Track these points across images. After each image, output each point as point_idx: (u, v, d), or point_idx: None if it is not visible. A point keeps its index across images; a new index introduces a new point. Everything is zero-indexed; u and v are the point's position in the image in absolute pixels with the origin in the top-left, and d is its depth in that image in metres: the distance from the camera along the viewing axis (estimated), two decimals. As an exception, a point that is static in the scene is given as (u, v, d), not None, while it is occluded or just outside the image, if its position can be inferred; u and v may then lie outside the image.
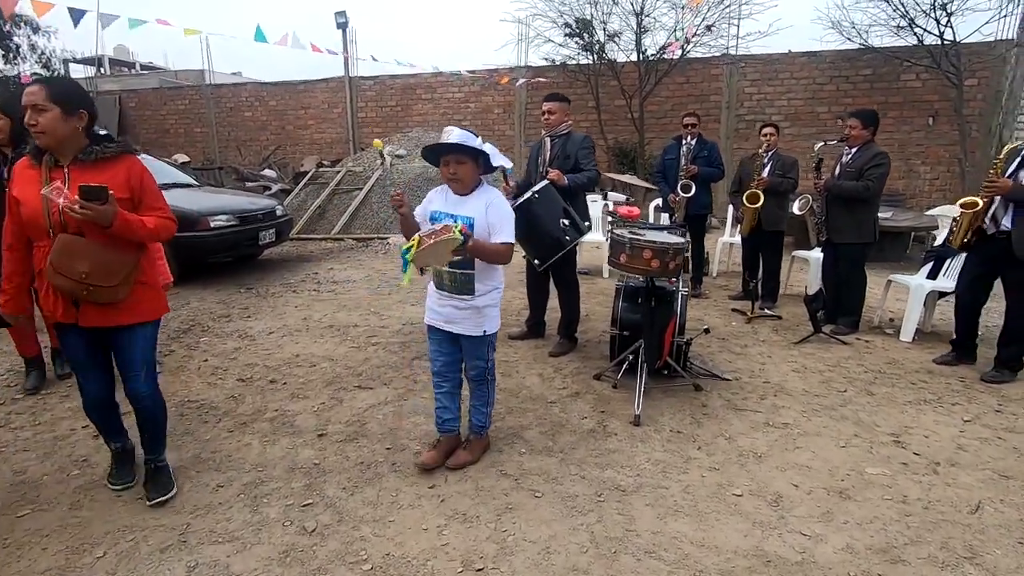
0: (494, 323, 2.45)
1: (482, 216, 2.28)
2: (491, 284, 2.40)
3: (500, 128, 11.73)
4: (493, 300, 2.42)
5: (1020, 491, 2.36)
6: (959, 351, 3.78)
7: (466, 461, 2.56)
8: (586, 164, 3.71)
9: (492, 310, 2.43)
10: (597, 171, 3.74)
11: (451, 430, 2.64)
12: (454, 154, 2.27)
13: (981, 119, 9.08)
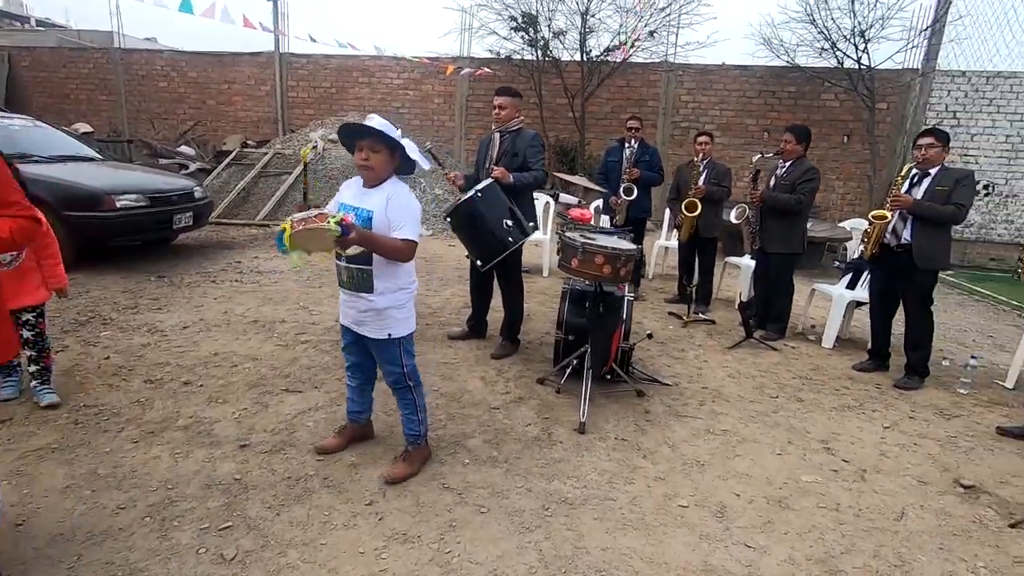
0: (402, 326, 2.30)
1: (382, 210, 2.15)
2: (394, 283, 2.24)
3: (440, 119, 11.45)
4: (398, 301, 2.26)
5: (936, 496, 2.51)
6: (875, 359, 4.03)
7: (405, 474, 2.40)
8: (534, 163, 3.61)
9: (398, 312, 2.27)
10: (545, 171, 3.64)
11: (356, 420, 2.62)
12: (369, 139, 2.15)
13: (888, 141, 9.84)
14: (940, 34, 9.09)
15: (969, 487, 2.57)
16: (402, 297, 2.28)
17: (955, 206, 3.45)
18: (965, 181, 3.49)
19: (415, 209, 2.18)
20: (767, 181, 4.50)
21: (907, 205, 3.54)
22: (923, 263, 3.55)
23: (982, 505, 2.46)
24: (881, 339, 4.00)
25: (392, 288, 2.24)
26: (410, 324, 2.35)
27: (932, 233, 3.53)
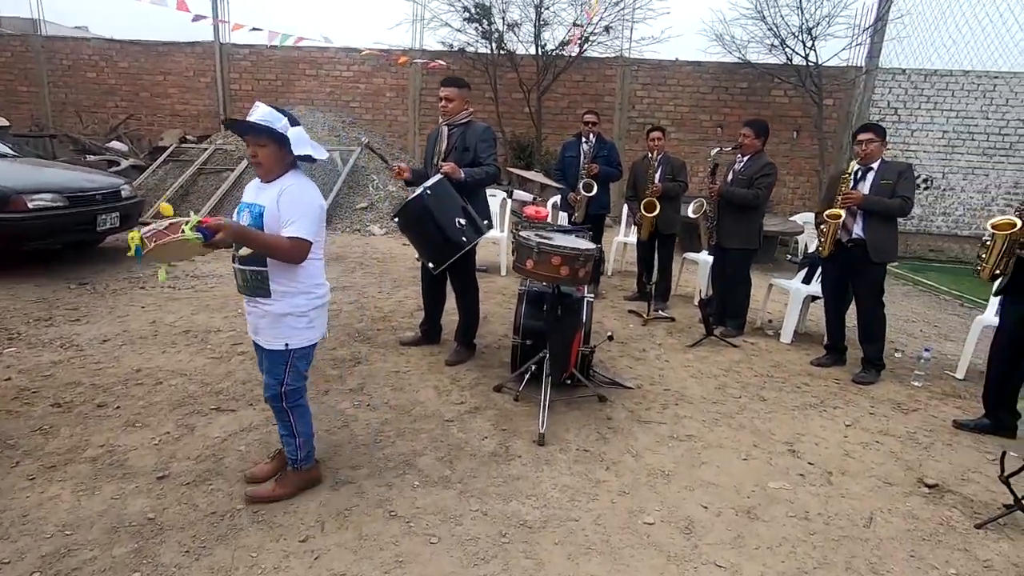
0: (300, 336, 2.07)
1: (274, 206, 1.97)
2: (293, 287, 2.03)
3: (392, 113, 11.08)
4: (298, 308, 2.04)
5: (902, 498, 2.45)
6: (832, 353, 4.03)
7: (268, 495, 2.17)
8: (486, 157, 3.39)
9: (297, 320, 2.05)
10: (498, 166, 3.43)
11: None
12: (252, 134, 1.96)
13: (836, 136, 10.09)
14: (882, 33, 9.36)
15: (933, 486, 2.53)
16: (303, 303, 2.05)
17: (902, 199, 3.50)
18: (906, 174, 3.55)
19: (308, 205, 1.97)
20: (725, 176, 4.44)
21: (858, 201, 3.55)
22: (877, 256, 3.59)
23: (947, 505, 2.41)
24: (837, 334, 4.00)
25: (291, 292, 2.03)
26: (310, 336, 2.10)
27: (882, 227, 3.58)
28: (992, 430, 3.07)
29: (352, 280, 5.46)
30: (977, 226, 9.93)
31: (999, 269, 2.78)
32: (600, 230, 5.27)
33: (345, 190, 8.72)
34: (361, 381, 3.31)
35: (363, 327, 4.22)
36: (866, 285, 3.70)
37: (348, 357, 3.63)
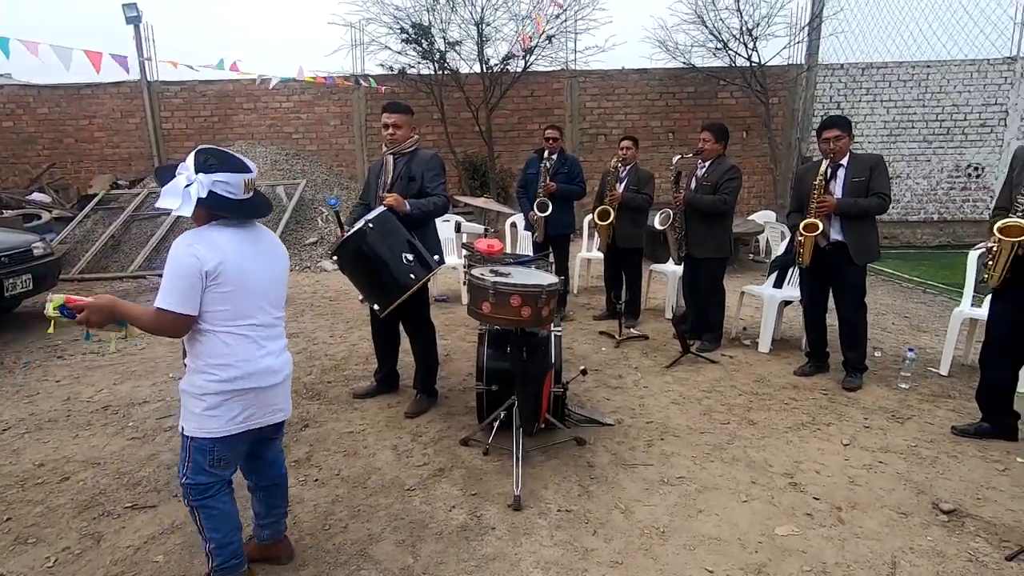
0: (195, 423, 1.73)
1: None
2: (195, 363, 1.73)
3: (338, 142, 10.68)
4: (195, 387, 1.72)
5: (921, 531, 2.21)
6: (814, 360, 3.84)
7: None
8: (434, 187, 3.08)
9: (193, 402, 1.72)
10: (447, 196, 3.11)
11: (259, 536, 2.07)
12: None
13: (784, 133, 10.21)
14: (819, 30, 9.53)
15: (950, 512, 2.30)
16: (200, 384, 1.71)
17: (878, 196, 3.32)
18: (879, 167, 3.37)
19: (173, 267, 1.63)
20: (688, 183, 4.23)
21: (832, 209, 3.37)
22: (860, 258, 3.41)
23: (970, 534, 2.18)
24: (819, 341, 3.81)
25: (192, 368, 1.75)
26: (208, 426, 1.72)
27: (861, 227, 3.39)
28: (992, 433, 2.89)
29: (301, 325, 5.03)
30: (924, 211, 10.16)
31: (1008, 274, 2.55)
32: (565, 251, 4.99)
33: (292, 225, 8.27)
34: (309, 449, 2.91)
35: (312, 380, 3.81)
36: (849, 288, 3.51)
37: (294, 420, 3.22)
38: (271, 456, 2.00)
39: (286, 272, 1.93)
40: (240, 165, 1.72)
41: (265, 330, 1.80)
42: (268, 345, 1.80)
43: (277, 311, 1.86)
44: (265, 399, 1.80)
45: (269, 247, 1.85)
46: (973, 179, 10.03)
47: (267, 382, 1.79)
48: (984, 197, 9.91)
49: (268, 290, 1.80)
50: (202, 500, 1.77)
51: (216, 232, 1.71)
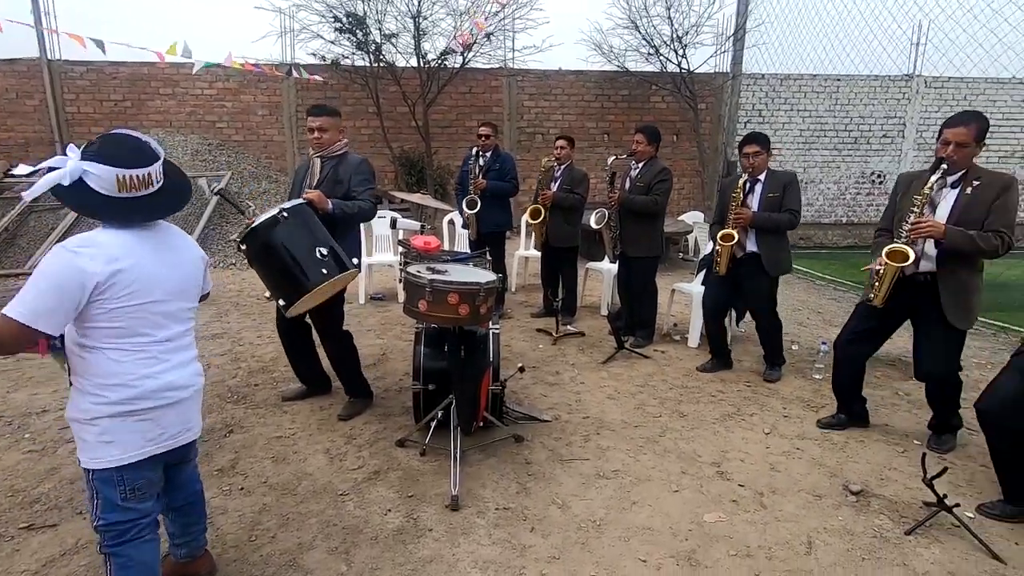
0: (92, 453, 1.51)
1: None
2: (81, 382, 1.50)
3: (267, 132, 10.18)
4: (83, 412, 1.49)
5: (833, 512, 2.37)
6: (717, 358, 3.99)
7: None
8: (361, 192, 2.95)
9: (84, 429, 1.51)
10: (373, 203, 2.97)
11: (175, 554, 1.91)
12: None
13: (711, 138, 10.69)
14: (742, 41, 10.04)
15: (858, 493, 2.48)
16: (88, 407, 1.49)
17: (790, 213, 3.51)
18: (792, 185, 3.54)
19: (46, 277, 1.38)
20: (622, 183, 4.34)
21: (748, 221, 3.54)
22: (772, 270, 3.59)
23: (875, 512, 2.36)
24: (719, 342, 3.96)
25: (79, 389, 1.51)
26: (105, 455, 1.50)
27: (773, 241, 3.58)
28: (850, 423, 3.10)
29: (226, 326, 4.76)
30: (834, 214, 10.97)
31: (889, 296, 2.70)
32: (500, 248, 4.98)
33: (216, 219, 7.80)
34: (234, 456, 2.75)
35: (238, 383, 3.61)
36: (761, 297, 3.71)
37: (218, 425, 3.04)
38: (184, 478, 1.83)
39: (199, 277, 1.72)
40: (131, 159, 1.47)
41: (167, 344, 1.58)
42: (171, 358, 1.59)
43: (184, 322, 1.65)
44: (171, 418, 1.60)
45: (177, 250, 1.64)
46: (876, 185, 10.92)
47: (170, 399, 1.58)
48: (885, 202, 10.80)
49: (173, 300, 1.59)
50: (117, 546, 1.54)
51: (111, 235, 1.48)
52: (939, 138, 2.58)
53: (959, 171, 2.57)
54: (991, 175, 2.55)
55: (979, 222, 2.49)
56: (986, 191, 2.50)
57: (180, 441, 1.65)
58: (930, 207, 2.60)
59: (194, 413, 1.71)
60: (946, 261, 2.60)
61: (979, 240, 2.46)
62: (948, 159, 2.51)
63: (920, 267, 2.65)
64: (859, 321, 2.94)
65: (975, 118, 2.51)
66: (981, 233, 2.47)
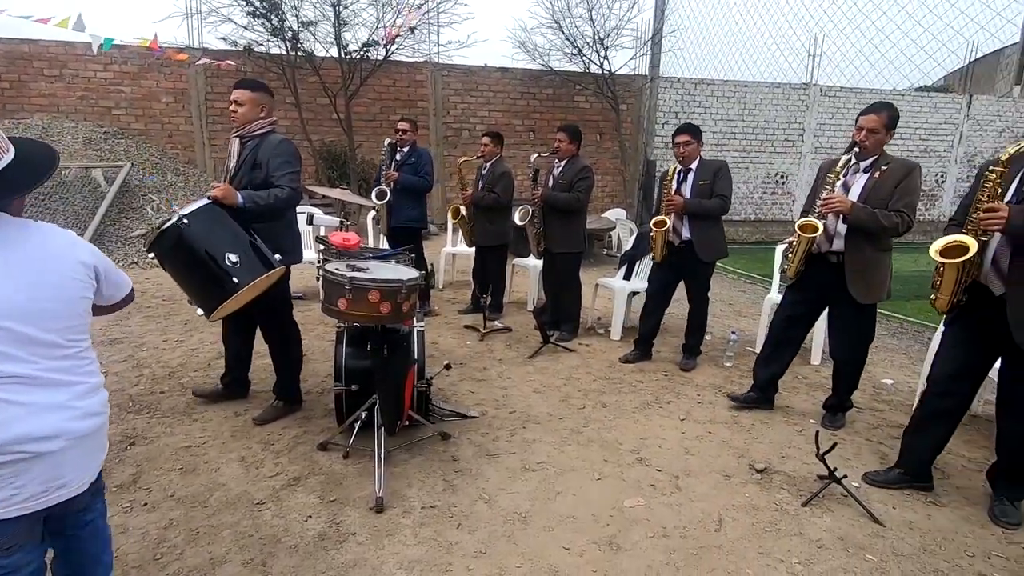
0: None
1: None
2: None
3: (172, 121, 9.47)
4: None
5: (740, 489, 2.55)
6: (640, 348, 4.17)
7: None
8: (279, 176, 2.70)
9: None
10: (295, 188, 2.74)
11: None
12: None
13: (632, 138, 11.09)
14: (660, 45, 10.48)
15: (762, 470, 2.68)
16: None
17: (720, 198, 3.66)
18: (722, 172, 3.70)
19: None
20: (545, 181, 4.42)
21: (679, 207, 3.68)
22: (705, 256, 3.74)
23: (776, 488, 2.56)
24: (652, 331, 4.13)
25: None
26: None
27: (707, 227, 3.73)
28: (756, 403, 3.35)
29: (127, 330, 4.40)
30: (744, 211, 11.72)
31: (802, 267, 2.97)
32: (417, 244, 4.88)
33: (114, 214, 7.19)
34: (135, 470, 2.56)
35: (140, 391, 3.35)
36: (697, 284, 3.90)
37: (118, 438, 2.80)
38: (76, 534, 1.45)
39: (77, 289, 1.34)
40: None
41: (14, 382, 1.22)
42: (25, 399, 1.23)
43: (49, 351, 1.28)
44: (29, 476, 1.23)
45: (34, 257, 1.27)
46: (780, 185, 11.76)
47: (23, 455, 1.22)
48: (787, 201, 11.66)
49: (23, 324, 1.23)
50: None
51: None
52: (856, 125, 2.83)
53: (871, 157, 2.81)
54: (898, 161, 2.81)
55: (884, 203, 2.72)
56: (892, 175, 2.75)
57: (48, 502, 1.28)
58: (844, 189, 2.85)
59: (70, 468, 1.31)
60: (854, 239, 2.82)
61: (881, 217, 2.69)
62: (860, 144, 2.76)
63: (833, 246, 2.89)
64: (789, 307, 3.19)
65: (886, 107, 2.77)
66: (884, 212, 2.70)
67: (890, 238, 2.85)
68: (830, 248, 2.90)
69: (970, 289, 2.28)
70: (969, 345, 2.36)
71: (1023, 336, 2.14)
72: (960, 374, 2.41)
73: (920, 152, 11.98)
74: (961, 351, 2.40)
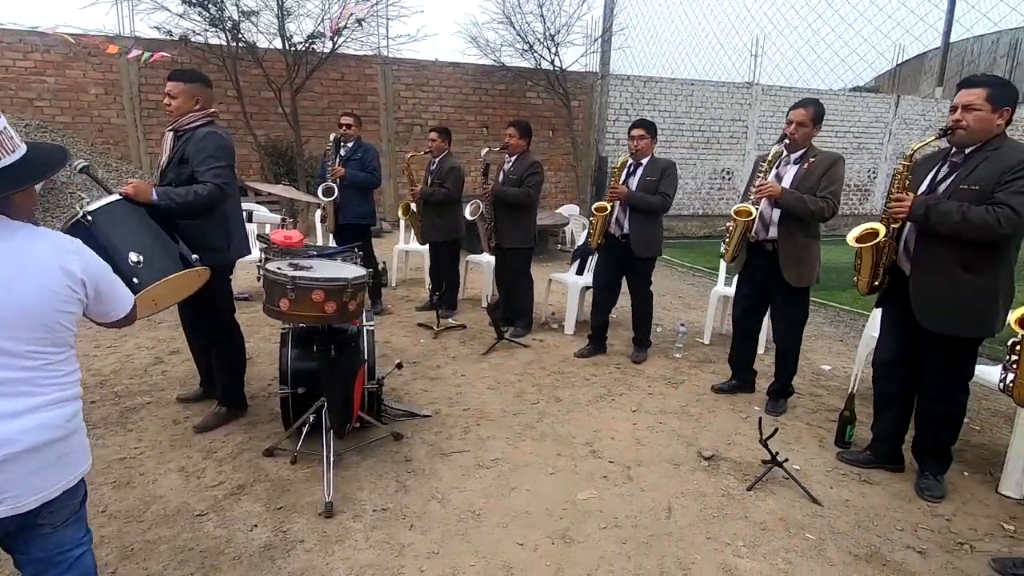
0: None
1: None
2: None
3: (103, 114, 8.92)
4: None
5: (689, 476, 2.61)
6: (595, 342, 4.23)
7: None
8: (203, 172, 2.54)
9: None
10: (220, 184, 2.55)
11: None
12: None
13: (584, 134, 11.21)
14: (609, 43, 10.62)
15: (709, 458, 2.76)
16: None
17: (661, 195, 3.74)
18: (669, 171, 3.77)
19: None
20: (496, 176, 4.40)
21: (623, 197, 3.74)
22: (639, 251, 3.81)
23: (723, 473, 2.64)
24: (602, 325, 4.19)
25: None
26: None
27: (645, 222, 3.80)
28: (739, 388, 3.53)
29: (52, 336, 4.11)
30: (692, 207, 12.05)
31: (737, 253, 3.18)
32: (365, 241, 4.76)
33: (39, 214, 6.71)
34: (63, 485, 2.39)
35: (69, 402, 3.14)
36: (637, 278, 3.98)
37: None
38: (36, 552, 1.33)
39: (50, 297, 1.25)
40: None
41: None
42: None
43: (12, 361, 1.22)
44: None
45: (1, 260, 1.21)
46: (726, 181, 12.15)
47: None
48: (733, 196, 12.05)
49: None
50: None
51: None
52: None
53: (800, 149, 3.04)
54: (825, 154, 3.04)
55: (812, 191, 2.94)
56: (819, 165, 2.98)
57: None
58: (777, 179, 3.05)
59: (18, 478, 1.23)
60: (786, 227, 3.03)
61: (809, 202, 2.91)
62: (791, 136, 2.99)
63: (769, 234, 3.09)
64: (741, 303, 3.40)
65: (813, 103, 3.00)
66: (811, 197, 2.92)
67: (817, 224, 3.07)
68: (766, 236, 3.10)
69: (893, 273, 2.48)
70: (901, 330, 2.53)
71: (924, 315, 2.36)
72: (896, 360, 2.59)
73: (854, 149, 12.63)
74: (895, 338, 2.59)
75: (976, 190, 2.19)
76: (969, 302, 2.27)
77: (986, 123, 2.19)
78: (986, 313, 2.28)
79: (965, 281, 2.26)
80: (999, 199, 2.13)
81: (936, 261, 2.31)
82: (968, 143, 2.26)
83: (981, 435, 3.12)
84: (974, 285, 2.26)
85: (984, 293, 2.26)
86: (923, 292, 2.35)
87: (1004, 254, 2.26)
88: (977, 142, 2.24)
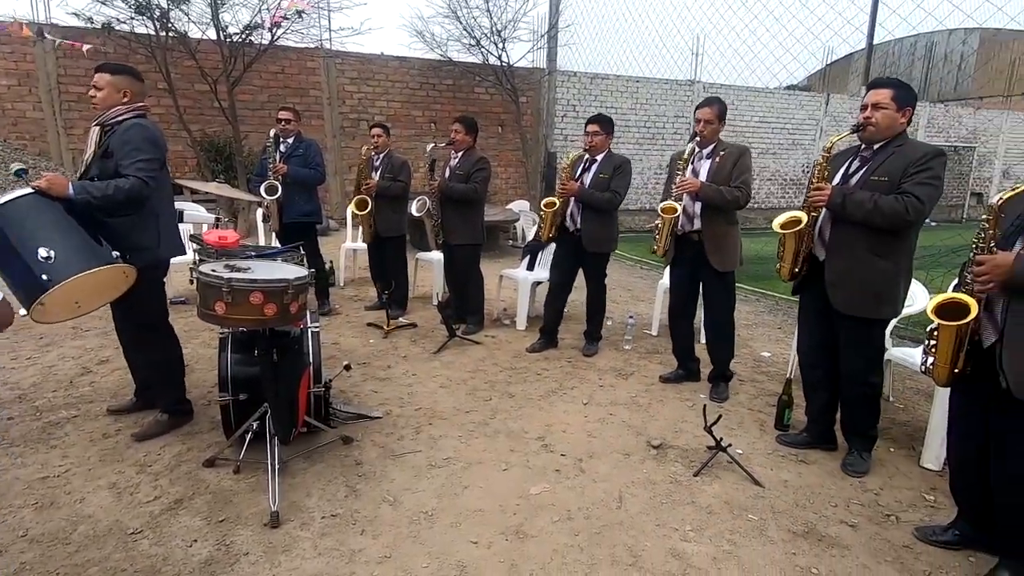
0: None
1: None
2: None
3: (18, 107, 8.27)
4: None
5: (639, 466, 2.67)
6: (546, 336, 4.26)
7: None
8: (127, 166, 2.42)
9: None
10: (144, 178, 2.42)
11: None
12: None
13: (533, 130, 11.25)
14: (556, 39, 10.69)
15: (658, 446, 2.83)
16: None
17: (612, 192, 3.77)
18: (622, 168, 3.79)
19: None
20: (443, 172, 4.35)
21: (574, 192, 3.76)
22: (590, 246, 3.85)
23: (671, 461, 2.71)
24: (555, 320, 4.23)
25: None
26: None
27: (596, 218, 3.83)
28: (686, 377, 3.64)
29: (-38, 348, 3.80)
30: (639, 201, 12.32)
31: (667, 247, 3.39)
32: (311, 240, 4.62)
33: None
34: (-24, 510, 2.21)
35: (-18, 419, 2.91)
36: (590, 272, 4.02)
37: (-48, 475, 2.41)
38: None
39: None
40: None
41: None
42: None
43: None
44: None
45: None
46: (671, 176, 12.49)
47: None
48: (678, 191, 12.41)
49: None
50: None
51: None
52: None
53: (710, 144, 3.26)
54: (733, 146, 3.24)
55: (726, 181, 3.16)
56: (729, 157, 3.20)
57: None
58: (693, 174, 3.25)
59: None
60: (708, 217, 3.24)
61: (725, 193, 3.14)
62: (700, 133, 3.22)
63: (694, 226, 3.29)
64: (676, 293, 3.57)
65: (717, 102, 3.23)
66: (727, 188, 3.15)
67: (734, 211, 3.28)
68: (692, 228, 3.31)
69: (811, 262, 2.64)
70: (820, 317, 2.69)
71: (836, 297, 2.53)
72: (815, 346, 2.76)
73: (789, 145, 13.24)
74: (815, 326, 2.74)
75: (885, 181, 2.38)
76: (877, 283, 2.46)
77: (892, 120, 2.39)
78: (891, 294, 2.48)
79: (873, 264, 2.44)
80: (906, 189, 2.32)
81: (847, 246, 2.49)
82: (877, 139, 2.45)
83: (905, 413, 3.33)
84: (880, 268, 2.44)
85: (889, 275, 2.45)
86: (836, 275, 2.52)
87: (906, 240, 2.46)
88: (884, 138, 2.43)
